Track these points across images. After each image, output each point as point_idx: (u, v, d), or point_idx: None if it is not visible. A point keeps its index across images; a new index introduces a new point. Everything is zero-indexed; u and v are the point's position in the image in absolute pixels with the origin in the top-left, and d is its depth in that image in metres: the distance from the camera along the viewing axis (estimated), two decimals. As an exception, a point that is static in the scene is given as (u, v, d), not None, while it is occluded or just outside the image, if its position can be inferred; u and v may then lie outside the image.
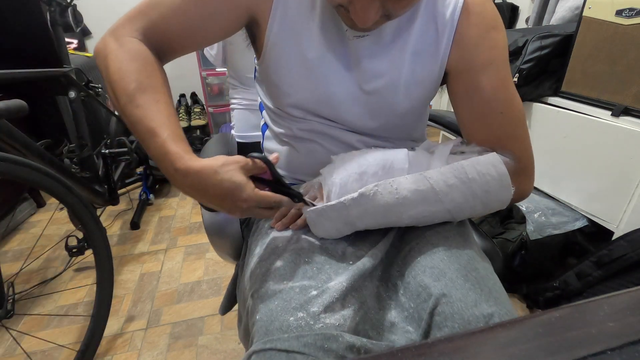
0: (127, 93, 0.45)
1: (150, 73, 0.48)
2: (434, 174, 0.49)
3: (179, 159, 0.43)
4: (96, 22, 2.29)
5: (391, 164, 0.51)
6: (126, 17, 0.51)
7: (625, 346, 0.26)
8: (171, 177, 0.45)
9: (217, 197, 0.44)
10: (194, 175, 0.43)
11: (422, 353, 0.27)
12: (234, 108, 1.19)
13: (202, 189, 0.44)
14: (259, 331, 0.42)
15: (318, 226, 0.53)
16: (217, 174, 0.43)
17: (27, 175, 0.83)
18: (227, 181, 0.43)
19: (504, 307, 0.43)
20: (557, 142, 1.21)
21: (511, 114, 0.53)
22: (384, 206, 0.49)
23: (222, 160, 0.44)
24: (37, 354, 1.12)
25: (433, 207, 0.50)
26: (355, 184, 0.50)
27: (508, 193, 0.50)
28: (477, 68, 0.53)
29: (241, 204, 0.44)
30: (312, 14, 0.53)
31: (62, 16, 1.22)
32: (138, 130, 0.45)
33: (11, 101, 0.84)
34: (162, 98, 0.47)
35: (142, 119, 0.45)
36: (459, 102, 0.57)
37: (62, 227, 1.78)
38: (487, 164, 0.48)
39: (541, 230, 1.20)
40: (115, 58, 0.47)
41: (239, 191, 0.43)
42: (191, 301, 1.32)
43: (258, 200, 0.45)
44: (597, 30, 1.08)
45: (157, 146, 0.44)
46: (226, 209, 0.46)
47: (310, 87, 0.56)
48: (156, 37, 0.51)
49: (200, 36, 0.54)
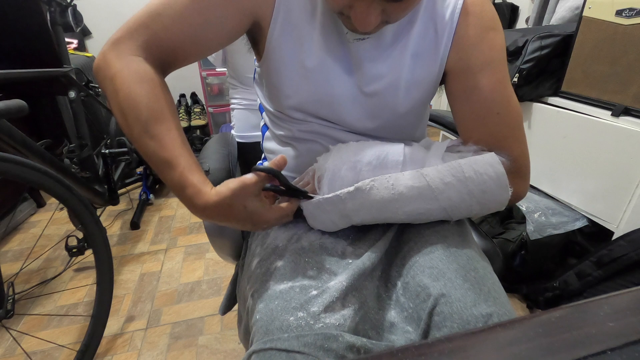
0: (141, 122, 0.45)
1: (158, 97, 0.47)
2: (431, 172, 0.49)
3: (196, 195, 0.44)
4: (96, 22, 2.30)
5: (386, 155, 0.51)
6: (126, 30, 0.49)
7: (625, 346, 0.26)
8: (190, 209, 0.46)
9: (238, 222, 0.46)
10: (212, 210, 0.44)
11: (422, 353, 0.27)
12: (234, 108, 1.19)
13: (222, 219, 0.46)
14: (259, 331, 0.42)
15: (315, 218, 0.53)
16: (232, 206, 0.44)
17: (27, 175, 0.83)
18: (244, 212, 0.45)
19: (503, 307, 0.43)
20: (557, 142, 1.21)
21: (508, 115, 0.53)
22: (380, 201, 0.49)
23: (232, 190, 0.44)
24: (37, 354, 1.12)
25: (429, 205, 0.50)
26: (349, 172, 0.50)
27: (506, 194, 0.49)
28: (475, 68, 0.53)
29: (262, 224, 0.48)
30: (313, 17, 0.53)
31: (62, 16, 1.22)
32: (153, 162, 0.46)
33: (11, 101, 0.84)
34: (173, 125, 0.47)
35: (157, 151, 0.45)
36: (456, 102, 0.57)
37: (62, 227, 1.78)
38: (485, 163, 0.48)
39: (541, 230, 1.20)
40: (124, 82, 0.46)
41: (257, 217, 0.46)
42: (191, 301, 1.32)
43: (277, 217, 0.48)
44: (597, 30, 1.08)
45: (174, 179, 0.45)
46: (248, 229, 0.48)
47: (311, 90, 0.56)
48: (159, 50, 0.50)
49: (204, 44, 0.53)
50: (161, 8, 0.48)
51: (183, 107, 2.55)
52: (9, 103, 0.83)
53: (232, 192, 0.44)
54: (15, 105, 0.84)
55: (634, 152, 1.00)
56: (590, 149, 1.12)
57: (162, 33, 0.49)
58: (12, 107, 0.84)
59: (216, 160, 0.71)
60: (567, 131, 1.18)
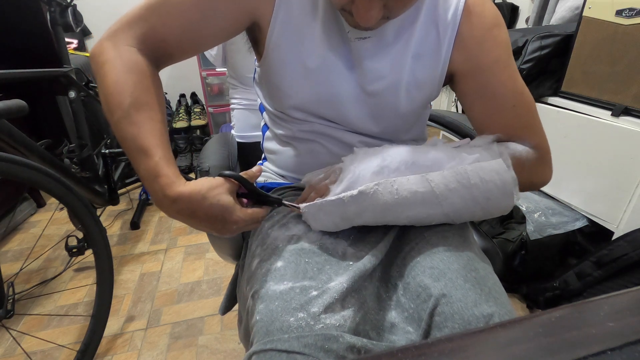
0: (123, 108, 0.45)
1: (146, 88, 0.47)
2: (436, 177, 0.48)
3: (169, 185, 0.43)
4: (96, 22, 2.29)
5: (414, 161, 0.51)
6: (125, 21, 0.50)
7: (625, 346, 0.26)
8: (159, 201, 0.45)
9: (206, 220, 0.45)
10: (184, 201, 0.43)
11: (422, 353, 0.27)
12: (234, 108, 1.19)
13: (190, 214, 0.44)
14: (259, 332, 0.42)
15: (316, 220, 0.53)
16: (206, 199, 0.44)
17: (27, 175, 0.83)
18: (216, 205, 0.44)
19: (504, 307, 0.43)
20: (557, 142, 1.21)
21: (523, 106, 0.55)
22: (382, 205, 0.49)
23: (207, 184, 0.44)
24: (37, 354, 1.12)
25: (431, 210, 0.50)
26: (375, 176, 0.50)
27: (510, 201, 0.50)
28: (484, 67, 0.54)
29: (231, 225, 0.46)
30: (314, 15, 0.53)
31: (62, 16, 1.22)
32: (129, 147, 0.45)
33: (11, 101, 0.84)
34: (156, 116, 0.47)
35: (135, 137, 0.45)
36: (470, 102, 0.57)
37: (62, 227, 1.78)
38: (491, 170, 0.48)
39: (541, 230, 1.20)
40: (113, 68, 0.47)
41: (228, 213, 0.45)
42: (191, 301, 1.32)
43: (247, 219, 0.47)
44: (597, 30, 1.08)
45: (148, 167, 0.44)
46: (216, 230, 0.46)
47: (312, 89, 0.56)
48: (155, 44, 0.50)
49: (201, 40, 0.53)
50: (160, 2, 0.49)
51: (183, 107, 2.55)
52: (9, 103, 0.83)
53: (208, 184, 0.44)
54: (15, 105, 0.84)
55: (634, 152, 1.00)
56: (590, 149, 1.12)
57: (160, 27, 0.50)
58: (12, 107, 0.84)
59: (216, 160, 0.71)
60: (567, 131, 1.18)
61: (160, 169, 0.44)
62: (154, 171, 0.44)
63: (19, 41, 1.17)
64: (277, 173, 0.69)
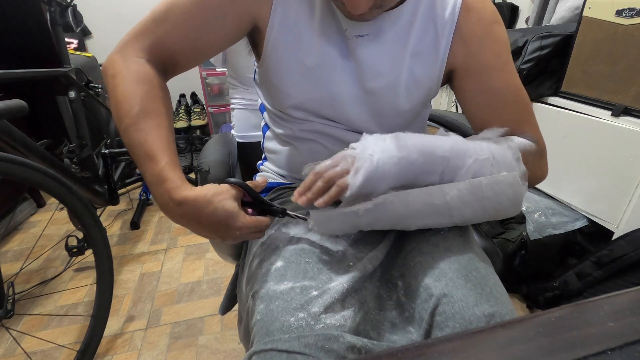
0: (131, 116, 0.46)
1: (154, 96, 0.49)
2: (452, 190, 0.48)
3: (175, 189, 0.44)
4: (96, 22, 2.29)
5: (432, 150, 0.49)
6: (133, 34, 0.52)
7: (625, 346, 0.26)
8: (164, 204, 0.45)
9: (210, 226, 0.45)
10: (189, 205, 0.44)
11: (422, 353, 0.27)
12: (234, 108, 1.19)
13: (195, 219, 0.44)
14: (259, 332, 0.42)
15: (324, 227, 0.52)
16: (211, 203, 0.44)
17: (27, 175, 0.83)
18: (221, 210, 0.44)
19: (505, 307, 0.43)
20: (557, 142, 1.21)
21: (522, 101, 0.56)
22: (397, 216, 0.49)
23: (213, 189, 0.45)
24: (37, 354, 1.12)
25: (441, 220, 0.50)
26: (394, 167, 0.47)
27: (517, 210, 0.51)
28: (486, 63, 0.55)
29: (234, 231, 0.46)
30: (311, 14, 0.54)
31: (62, 16, 1.22)
32: (136, 154, 0.46)
33: (11, 101, 0.84)
34: (163, 123, 0.48)
35: (142, 143, 0.46)
36: (471, 98, 0.58)
37: (62, 227, 1.78)
38: (506, 185, 0.48)
39: (541, 230, 1.20)
40: (122, 79, 0.48)
41: (232, 219, 0.45)
42: (191, 301, 1.32)
43: (250, 226, 0.46)
44: (597, 30, 1.08)
45: (154, 172, 0.45)
46: (219, 236, 0.46)
47: (312, 88, 0.56)
48: (162, 54, 0.52)
49: (205, 47, 0.54)
50: (165, 13, 0.51)
51: (183, 107, 2.55)
52: (9, 103, 0.83)
53: (214, 189, 0.45)
54: (15, 105, 0.84)
55: (634, 152, 1.00)
56: (590, 149, 1.12)
57: (165, 37, 0.51)
58: (12, 107, 0.84)
59: (216, 161, 0.71)
60: (567, 131, 1.18)
61: (166, 174, 0.44)
62: (160, 176, 0.44)
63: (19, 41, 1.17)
64: (278, 173, 0.69)
